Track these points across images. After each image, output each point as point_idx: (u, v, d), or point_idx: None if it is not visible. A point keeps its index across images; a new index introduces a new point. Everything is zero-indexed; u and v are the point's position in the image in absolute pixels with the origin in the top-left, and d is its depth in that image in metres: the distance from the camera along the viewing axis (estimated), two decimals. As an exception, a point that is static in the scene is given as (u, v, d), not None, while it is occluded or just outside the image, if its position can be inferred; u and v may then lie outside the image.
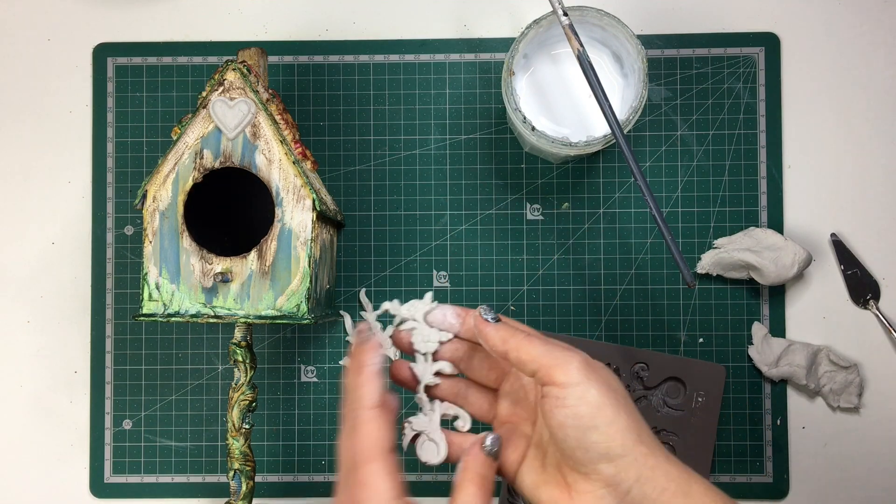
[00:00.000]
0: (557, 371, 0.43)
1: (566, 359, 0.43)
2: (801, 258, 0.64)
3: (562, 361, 0.42)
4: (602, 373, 0.43)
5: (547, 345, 0.44)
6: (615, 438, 0.42)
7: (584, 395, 0.42)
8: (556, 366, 0.43)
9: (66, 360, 0.69)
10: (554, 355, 0.43)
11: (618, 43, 0.59)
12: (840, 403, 0.67)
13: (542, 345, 0.44)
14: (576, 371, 0.42)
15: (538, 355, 0.43)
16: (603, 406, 0.41)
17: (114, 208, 0.69)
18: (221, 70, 0.56)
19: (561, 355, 0.43)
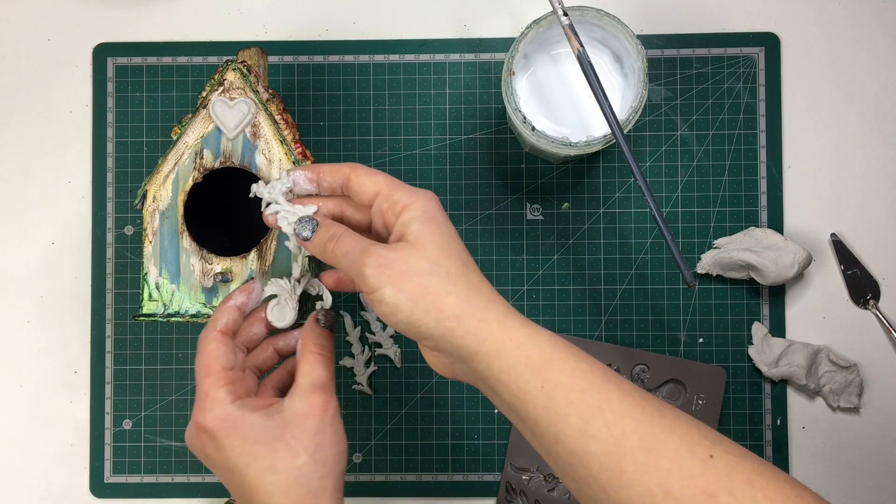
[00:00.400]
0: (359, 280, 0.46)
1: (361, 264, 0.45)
2: (801, 258, 0.64)
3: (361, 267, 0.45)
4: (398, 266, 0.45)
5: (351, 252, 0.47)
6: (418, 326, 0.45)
7: (381, 299, 0.45)
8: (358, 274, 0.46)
9: (66, 360, 0.69)
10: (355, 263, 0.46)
11: (618, 43, 0.59)
12: (840, 403, 0.67)
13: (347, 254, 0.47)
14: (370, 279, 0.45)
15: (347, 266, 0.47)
16: (398, 304, 0.44)
17: (114, 208, 0.69)
18: (221, 70, 0.56)
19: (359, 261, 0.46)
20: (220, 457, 0.47)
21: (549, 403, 0.43)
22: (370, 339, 0.68)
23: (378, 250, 0.45)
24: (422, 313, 0.44)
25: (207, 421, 0.47)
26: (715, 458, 0.41)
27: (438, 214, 0.47)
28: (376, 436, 0.68)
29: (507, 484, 0.67)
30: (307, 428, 0.47)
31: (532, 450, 0.66)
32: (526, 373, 0.44)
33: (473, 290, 0.45)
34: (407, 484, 0.68)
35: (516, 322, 0.45)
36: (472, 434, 0.68)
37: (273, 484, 0.46)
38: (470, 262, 0.47)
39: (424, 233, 0.46)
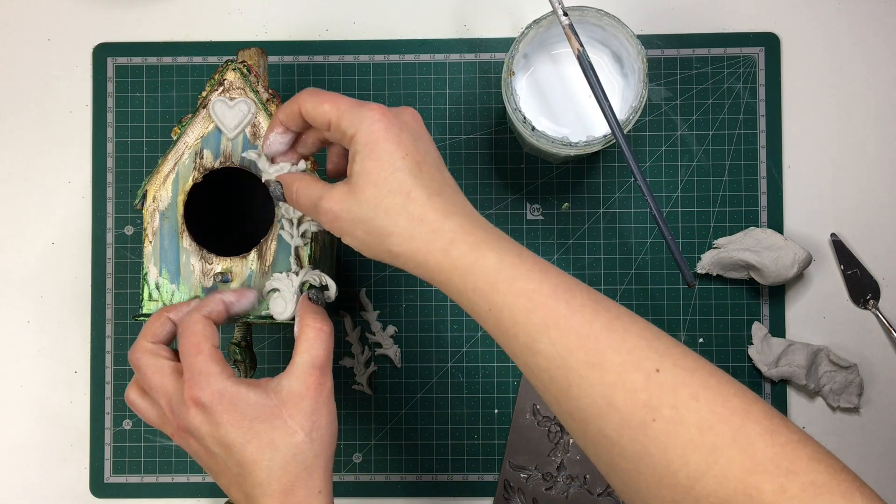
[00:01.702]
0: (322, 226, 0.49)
1: (319, 219, 0.48)
2: (801, 258, 0.64)
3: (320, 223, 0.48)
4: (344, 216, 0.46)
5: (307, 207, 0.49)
6: (380, 259, 0.47)
7: (345, 242, 0.47)
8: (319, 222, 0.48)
9: (66, 360, 0.69)
10: (316, 216, 0.48)
11: (618, 43, 0.59)
12: (840, 403, 0.67)
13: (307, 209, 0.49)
14: (329, 227, 0.47)
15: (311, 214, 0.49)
16: (357, 246, 0.47)
17: (114, 208, 0.69)
18: (221, 70, 0.56)
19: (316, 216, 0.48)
20: (217, 432, 0.47)
21: (498, 324, 0.44)
22: (370, 339, 0.68)
23: (325, 205, 0.47)
24: (375, 254, 0.47)
25: (205, 396, 0.47)
26: (661, 371, 0.41)
27: (383, 140, 0.45)
28: (376, 436, 0.68)
29: (505, 482, 0.67)
30: (304, 407, 0.47)
31: (531, 448, 0.67)
32: (473, 297, 0.45)
33: (416, 222, 0.45)
34: (407, 484, 0.68)
35: (462, 249, 0.45)
36: (471, 434, 0.68)
37: (271, 460, 0.46)
38: (415, 189, 0.45)
39: (363, 172, 0.46)
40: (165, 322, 0.52)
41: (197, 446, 0.48)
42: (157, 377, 0.49)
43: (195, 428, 0.47)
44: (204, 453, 0.48)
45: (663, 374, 0.41)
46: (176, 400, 0.48)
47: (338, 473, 0.68)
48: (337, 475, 0.68)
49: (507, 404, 0.68)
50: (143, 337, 0.51)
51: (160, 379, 0.49)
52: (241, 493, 0.48)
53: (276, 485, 0.46)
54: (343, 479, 0.68)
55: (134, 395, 0.51)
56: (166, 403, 0.49)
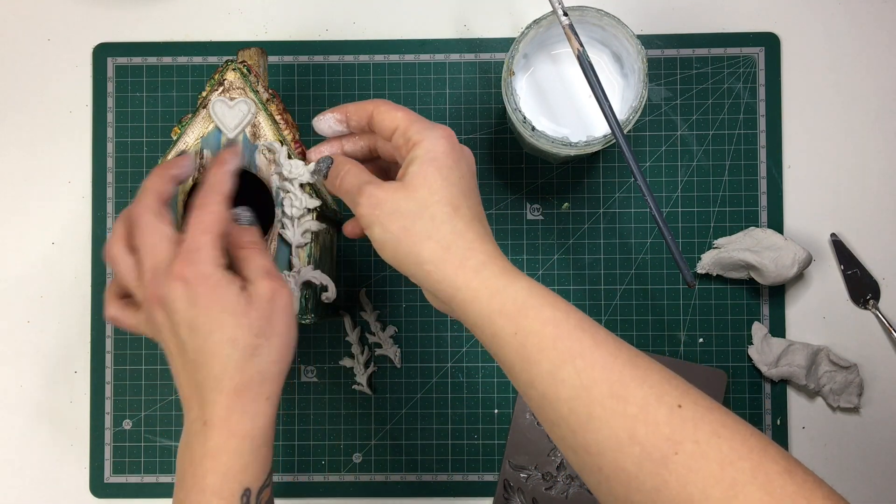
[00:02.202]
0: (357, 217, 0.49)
1: (356, 202, 0.48)
2: (801, 258, 0.64)
3: (355, 205, 0.48)
4: (387, 206, 0.47)
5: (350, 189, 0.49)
6: (400, 265, 0.47)
7: (371, 235, 0.48)
8: (355, 210, 0.49)
9: (66, 360, 0.69)
10: (353, 199, 0.49)
11: (618, 43, 0.59)
12: (840, 403, 0.67)
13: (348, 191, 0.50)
14: (363, 217, 0.47)
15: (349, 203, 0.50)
16: (384, 242, 0.47)
17: (114, 208, 0.69)
18: (221, 70, 0.56)
19: (355, 198, 0.48)
20: (189, 312, 0.47)
21: (522, 350, 0.44)
22: (370, 340, 0.68)
23: (371, 189, 0.47)
24: (403, 255, 0.46)
25: (193, 273, 0.47)
26: (683, 407, 0.42)
27: (443, 155, 0.47)
28: (376, 436, 0.68)
29: (504, 482, 0.67)
30: (265, 311, 0.48)
31: (531, 448, 0.67)
32: (499, 320, 0.45)
33: (457, 235, 0.46)
34: (407, 484, 0.68)
35: (494, 271, 0.46)
36: (471, 434, 0.68)
37: (229, 356, 0.47)
38: (463, 206, 0.47)
39: (420, 174, 0.47)
40: (170, 181, 0.51)
41: (163, 319, 0.48)
42: (154, 238, 0.48)
43: (171, 300, 0.47)
44: (167, 329, 0.48)
45: (685, 409, 0.42)
46: (163, 267, 0.48)
47: (338, 473, 0.68)
48: (337, 475, 0.68)
49: (507, 404, 0.68)
50: (149, 195, 0.50)
51: (157, 240, 0.48)
52: (191, 382, 0.48)
53: (228, 382, 0.47)
54: (343, 479, 0.68)
55: (118, 248, 0.50)
56: (151, 266, 0.48)
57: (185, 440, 0.48)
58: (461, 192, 0.47)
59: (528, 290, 0.45)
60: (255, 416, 0.47)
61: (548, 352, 0.43)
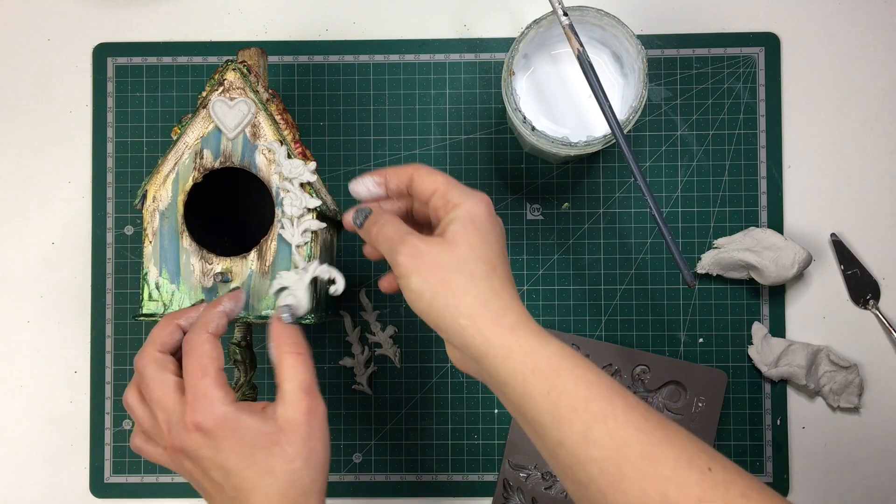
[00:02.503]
0: (393, 264, 0.49)
1: (396, 251, 0.48)
2: (801, 258, 0.64)
3: (395, 253, 0.48)
4: (428, 258, 0.47)
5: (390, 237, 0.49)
6: (435, 317, 0.47)
7: (408, 286, 0.48)
8: (392, 259, 0.49)
9: (66, 360, 0.69)
10: (392, 248, 0.49)
11: (618, 43, 0.59)
12: (840, 403, 0.67)
13: (387, 238, 0.50)
14: (402, 265, 0.48)
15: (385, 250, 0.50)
16: (422, 292, 0.47)
17: (114, 208, 0.69)
18: (221, 70, 0.56)
19: (395, 247, 0.48)
20: (217, 457, 0.47)
21: (555, 409, 0.44)
22: (370, 339, 0.68)
23: (413, 240, 0.48)
24: (440, 306, 0.47)
25: (207, 420, 0.47)
26: (713, 470, 0.42)
27: (482, 218, 0.49)
28: (376, 436, 0.68)
29: (504, 481, 0.67)
30: (300, 434, 0.48)
31: (530, 447, 0.67)
32: (533, 378, 0.45)
33: (494, 293, 0.47)
34: (407, 484, 0.68)
35: (528, 330, 0.46)
36: (471, 434, 0.68)
37: (270, 486, 0.47)
38: (500, 267, 0.48)
39: (461, 232, 0.48)
40: (175, 331, 0.52)
41: (192, 468, 0.48)
42: (160, 391, 0.49)
43: (193, 450, 0.47)
44: (199, 475, 0.48)
45: (715, 472, 0.42)
46: (175, 419, 0.48)
47: (337, 473, 0.68)
48: (337, 475, 0.68)
49: (507, 404, 0.68)
50: (151, 344, 0.51)
51: (162, 393, 0.49)
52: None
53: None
54: (343, 479, 0.68)
55: (133, 399, 0.51)
56: (165, 419, 0.49)
57: None
58: (497, 255, 0.48)
59: (561, 351, 0.46)
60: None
61: (580, 412, 0.44)
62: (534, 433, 0.46)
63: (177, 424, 0.48)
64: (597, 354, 0.67)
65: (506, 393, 0.46)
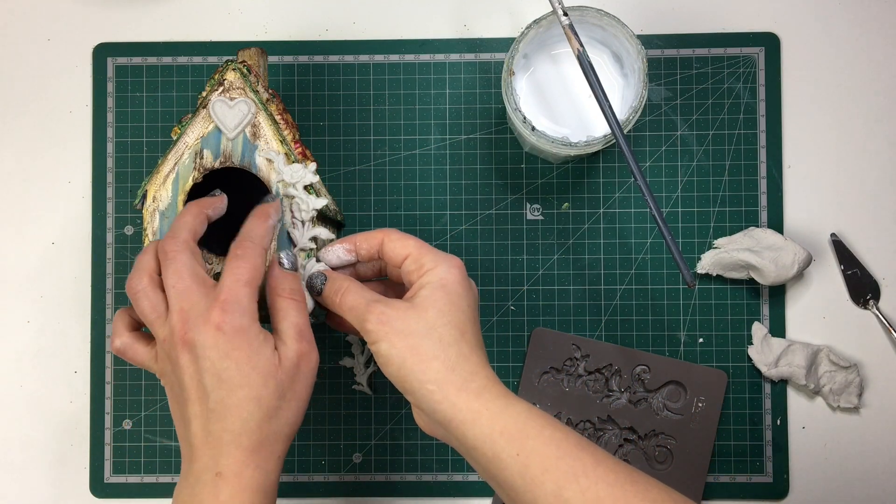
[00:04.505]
0: (362, 332, 0.50)
1: (364, 319, 0.49)
2: (801, 258, 0.64)
3: (363, 321, 0.49)
4: (397, 324, 0.48)
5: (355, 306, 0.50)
6: (403, 382, 0.48)
7: (378, 351, 0.48)
8: (361, 326, 0.49)
9: (66, 360, 0.69)
10: (359, 317, 0.49)
11: (618, 43, 0.59)
12: (840, 403, 0.67)
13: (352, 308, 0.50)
14: (371, 332, 0.48)
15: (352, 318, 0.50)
16: (390, 358, 0.48)
17: (114, 208, 0.69)
18: (221, 70, 0.56)
19: (362, 315, 0.49)
20: (220, 362, 0.47)
21: (525, 471, 0.45)
22: (370, 339, 0.68)
23: (380, 307, 0.49)
24: (408, 371, 0.48)
25: (231, 323, 0.47)
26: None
27: (453, 282, 0.50)
28: (376, 436, 0.68)
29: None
30: (290, 373, 0.49)
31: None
32: (501, 441, 0.46)
33: (462, 358, 0.48)
34: (407, 484, 0.68)
35: (494, 393, 0.47)
36: (472, 434, 0.68)
37: (251, 414, 0.47)
38: (469, 332, 0.49)
39: (430, 298, 0.49)
40: (204, 221, 0.52)
41: (188, 364, 0.48)
42: (188, 280, 0.48)
43: (203, 347, 0.47)
44: (190, 374, 0.48)
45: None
46: (198, 311, 0.48)
47: (337, 473, 0.68)
48: (337, 475, 0.68)
49: (507, 404, 0.68)
50: (187, 232, 0.50)
51: (191, 283, 0.48)
52: (204, 430, 0.48)
53: (246, 439, 0.47)
54: (343, 479, 0.68)
55: (145, 282, 0.50)
56: (184, 307, 0.48)
57: (192, 489, 0.47)
58: (468, 319, 0.49)
59: (527, 412, 0.47)
60: (266, 472, 0.48)
61: (551, 472, 0.44)
62: (506, 496, 0.47)
63: (198, 317, 0.47)
64: (597, 354, 0.67)
65: (475, 457, 0.47)
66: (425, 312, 0.48)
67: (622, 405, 0.67)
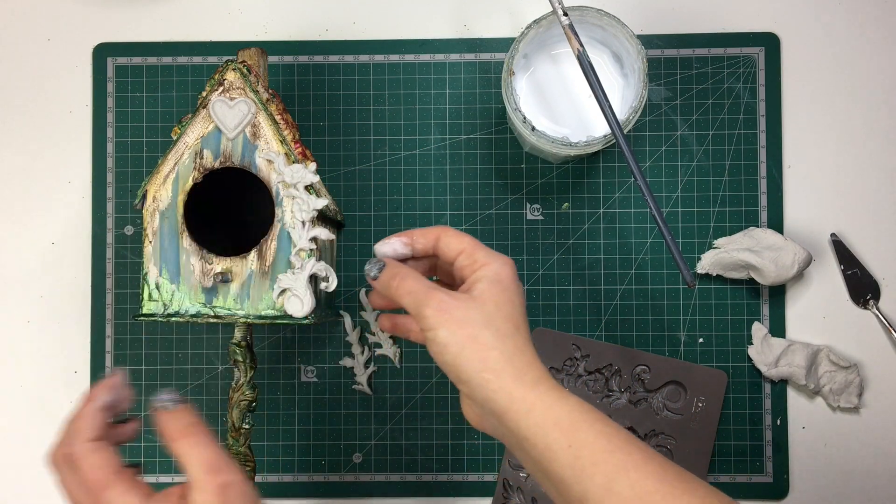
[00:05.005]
0: (419, 318, 0.50)
1: (423, 304, 0.49)
2: (801, 258, 0.64)
3: (422, 306, 0.49)
4: (456, 313, 0.48)
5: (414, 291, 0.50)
6: (460, 370, 0.48)
7: (434, 338, 0.48)
8: (418, 312, 0.49)
9: (66, 360, 0.69)
10: (418, 302, 0.49)
11: (618, 43, 0.59)
12: (840, 403, 0.67)
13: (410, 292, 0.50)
14: (430, 318, 0.48)
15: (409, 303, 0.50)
16: (448, 345, 0.48)
17: (114, 208, 0.69)
18: (221, 70, 0.56)
19: (422, 301, 0.49)
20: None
21: (576, 462, 0.45)
22: (370, 339, 0.68)
23: (441, 295, 0.49)
24: (466, 359, 0.48)
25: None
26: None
27: (508, 279, 0.50)
28: (376, 436, 0.68)
29: (504, 481, 0.67)
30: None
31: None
32: (554, 432, 0.46)
33: (518, 351, 0.48)
34: (407, 484, 0.68)
35: (548, 386, 0.48)
36: (471, 434, 0.68)
37: None
38: (522, 326, 0.50)
39: (488, 291, 0.49)
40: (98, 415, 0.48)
41: None
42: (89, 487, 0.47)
43: None
44: None
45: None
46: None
47: (337, 473, 0.68)
48: (337, 475, 0.68)
49: (507, 404, 0.68)
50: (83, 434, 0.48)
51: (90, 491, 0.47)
52: None
53: None
54: (343, 479, 0.68)
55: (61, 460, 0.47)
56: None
57: None
58: (521, 315, 0.50)
59: (580, 406, 0.47)
60: None
61: (602, 465, 0.45)
62: (554, 489, 0.47)
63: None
64: (597, 354, 0.67)
65: (526, 448, 0.47)
66: (484, 304, 0.49)
67: (622, 405, 0.67)
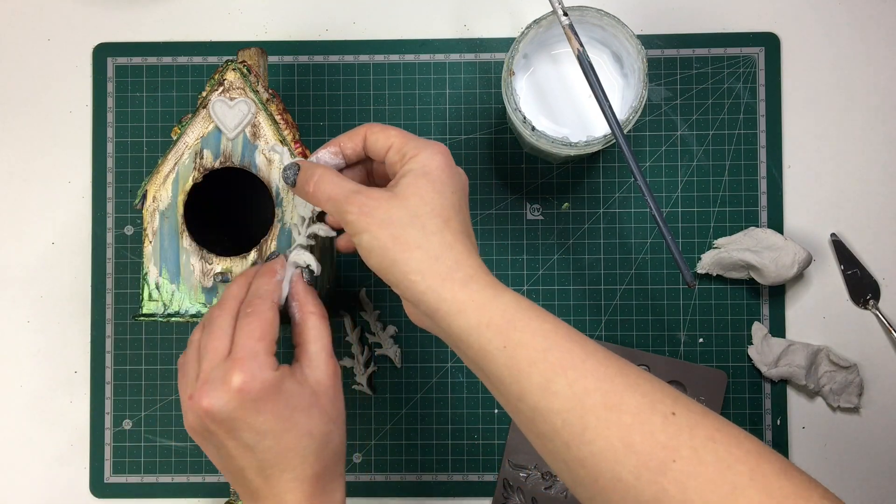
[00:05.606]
0: (344, 224, 0.48)
1: (344, 210, 0.47)
2: (801, 258, 0.64)
3: (344, 213, 0.47)
4: (378, 213, 0.46)
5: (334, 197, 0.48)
6: (386, 273, 0.46)
7: (359, 243, 0.47)
8: (342, 218, 0.47)
9: (66, 360, 0.69)
10: (339, 207, 0.48)
11: (618, 43, 0.59)
12: (840, 403, 0.67)
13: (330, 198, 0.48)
14: (353, 223, 0.47)
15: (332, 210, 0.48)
16: (372, 249, 0.46)
17: (114, 208, 0.69)
18: (221, 70, 0.56)
19: (342, 206, 0.47)
20: (257, 420, 0.46)
21: (511, 363, 0.44)
22: (370, 340, 0.68)
23: (360, 198, 0.47)
24: (390, 262, 0.46)
25: (255, 383, 0.46)
26: (677, 414, 0.41)
27: (437, 169, 0.47)
28: (376, 436, 0.68)
29: (504, 481, 0.67)
30: (330, 396, 0.49)
31: (530, 447, 0.66)
32: (487, 333, 0.44)
33: (446, 247, 0.46)
34: (407, 484, 0.68)
35: (482, 284, 0.45)
36: (471, 434, 0.68)
37: (307, 448, 0.47)
38: (454, 220, 0.47)
39: (413, 185, 0.47)
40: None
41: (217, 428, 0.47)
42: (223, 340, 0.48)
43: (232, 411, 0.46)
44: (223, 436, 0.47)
45: (679, 416, 0.41)
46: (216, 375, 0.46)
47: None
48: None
49: (507, 404, 0.68)
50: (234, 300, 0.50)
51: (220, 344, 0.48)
52: (260, 475, 0.47)
53: (309, 470, 0.47)
54: (343, 479, 0.68)
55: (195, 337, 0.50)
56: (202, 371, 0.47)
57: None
58: (452, 206, 0.47)
59: (515, 302, 0.45)
60: (332, 492, 0.49)
61: (539, 364, 0.43)
62: (493, 388, 0.45)
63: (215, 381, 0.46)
64: (597, 354, 0.67)
65: (461, 349, 0.46)
66: (406, 201, 0.46)
67: (622, 405, 0.67)
